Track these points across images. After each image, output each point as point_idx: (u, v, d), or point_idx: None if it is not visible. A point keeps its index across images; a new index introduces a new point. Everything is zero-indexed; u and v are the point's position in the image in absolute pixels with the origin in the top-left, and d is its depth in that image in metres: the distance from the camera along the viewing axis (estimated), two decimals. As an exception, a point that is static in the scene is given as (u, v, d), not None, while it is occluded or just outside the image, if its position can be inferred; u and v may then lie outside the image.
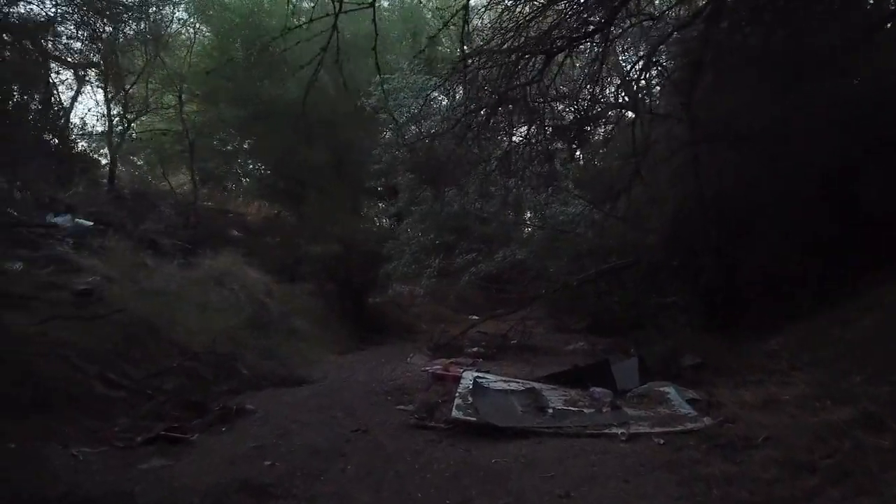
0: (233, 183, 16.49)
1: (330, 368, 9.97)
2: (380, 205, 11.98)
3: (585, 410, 6.35)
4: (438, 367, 8.55)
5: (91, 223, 11.09)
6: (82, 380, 6.50)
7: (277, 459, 4.93)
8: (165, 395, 6.86)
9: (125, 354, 7.44)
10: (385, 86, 10.92)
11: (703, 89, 7.43)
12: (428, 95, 8.98)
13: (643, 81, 8.34)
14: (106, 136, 14.84)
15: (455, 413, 5.94)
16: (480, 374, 7.47)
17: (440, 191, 11.23)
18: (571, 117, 10.78)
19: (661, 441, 5.44)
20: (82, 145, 13.83)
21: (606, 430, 5.75)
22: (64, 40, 13.12)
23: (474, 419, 5.81)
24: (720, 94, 7.84)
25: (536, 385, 7.25)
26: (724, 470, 4.58)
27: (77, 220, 10.98)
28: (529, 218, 11.39)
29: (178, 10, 14.36)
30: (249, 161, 16.21)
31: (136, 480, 4.39)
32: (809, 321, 8.58)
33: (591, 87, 8.70)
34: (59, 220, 10.78)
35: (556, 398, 6.73)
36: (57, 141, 12.52)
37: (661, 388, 7.15)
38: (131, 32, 13.30)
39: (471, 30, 9.57)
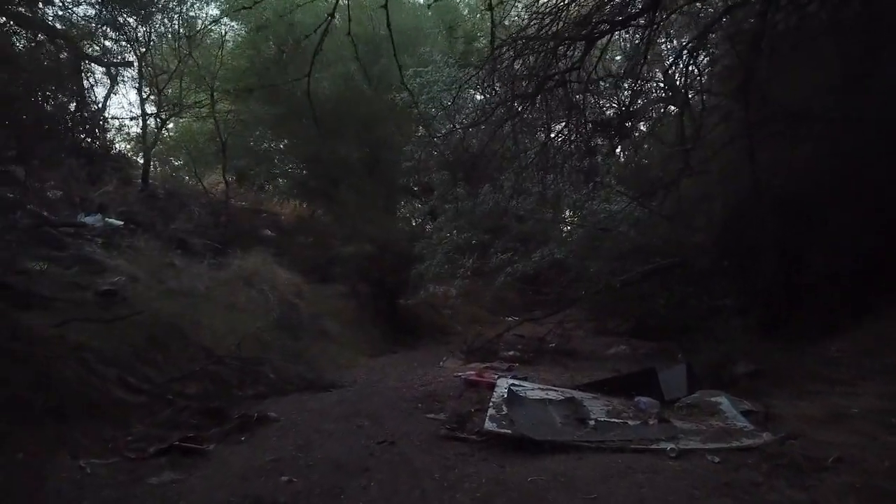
0: (266, 181, 16.27)
1: (360, 372, 9.64)
2: (415, 203, 11.59)
3: (630, 422, 5.83)
4: (472, 372, 8.12)
5: (121, 223, 10.99)
6: (99, 384, 6.26)
7: (295, 474, 4.57)
8: (187, 400, 6.61)
9: (147, 357, 7.22)
10: (417, 79, 10.55)
11: (761, 72, 6.78)
12: (460, 87, 8.52)
13: (692, 67, 7.69)
14: (140, 135, 14.84)
15: (488, 425, 5.50)
16: (516, 382, 7.00)
17: (474, 188, 10.79)
18: (612, 111, 10.25)
19: (716, 459, 4.92)
20: (114, 144, 13.74)
21: (654, 445, 5.24)
22: (98, 39, 13.30)
23: (509, 432, 5.36)
24: (781, 77, 7.20)
25: (576, 394, 6.75)
26: (792, 497, 4.07)
27: (107, 219, 10.88)
28: (568, 216, 10.87)
29: (211, 7, 14.21)
30: (283, 159, 15.97)
31: (141, 497, 4.08)
32: (875, 325, 7.90)
33: (633, 78, 8.16)
34: (88, 219, 10.70)
35: (597, 408, 6.23)
36: (89, 140, 12.48)
37: (713, 399, 6.60)
38: (164, 30, 13.24)
39: (507, 19, 9.19)
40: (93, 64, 13.42)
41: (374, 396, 7.60)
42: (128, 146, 15.09)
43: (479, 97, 10.76)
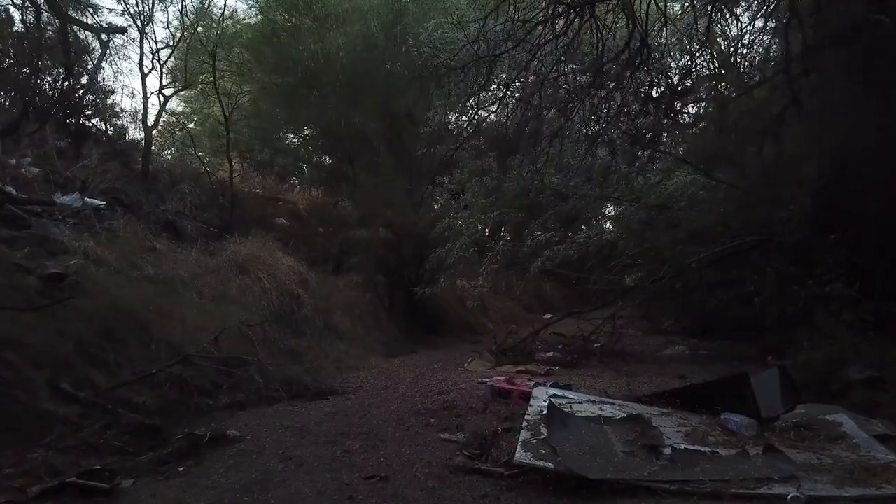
0: (273, 162, 14.89)
1: (368, 376, 8.18)
2: (440, 179, 10.02)
3: (721, 451, 4.18)
4: (500, 378, 6.53)
5: (102, 202, 9.71)
6: (21, 391, 4.93)
7: (229, 532, 3.08)
8: (134, 411, 5.23)
9: (95, 356, 5.86)
10: (439, 32, 8.97)
11: None
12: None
13: None
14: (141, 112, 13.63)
15: (521, 455, 3.93)
16: (558, 391, 5.36)
17: (506, 160, 9.21)
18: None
19: (868, 517, 3.29)
20: (108, 121, 12.49)
21: (764, 489, 3.63)
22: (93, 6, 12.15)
23: (550, 465, 3.79)
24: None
25: (640, 409, 5.10)
26: None
27: (87, 199, 9.61)
28: (618, 191, 9.19)
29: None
30: (294, 136, 14.55)
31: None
32: None
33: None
34: (66, 198, 9.44)
35: (672, 430, 4.60)
36: (77, 114, 11.30)
37: (829, 417, 4.96)
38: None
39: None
40: (84, 31, 12.35)
41: (377, 407, 6.11)
42: (129, 124, 13.77)
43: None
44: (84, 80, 12.02)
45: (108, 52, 12.30)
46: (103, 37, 12.14)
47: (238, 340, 7.25)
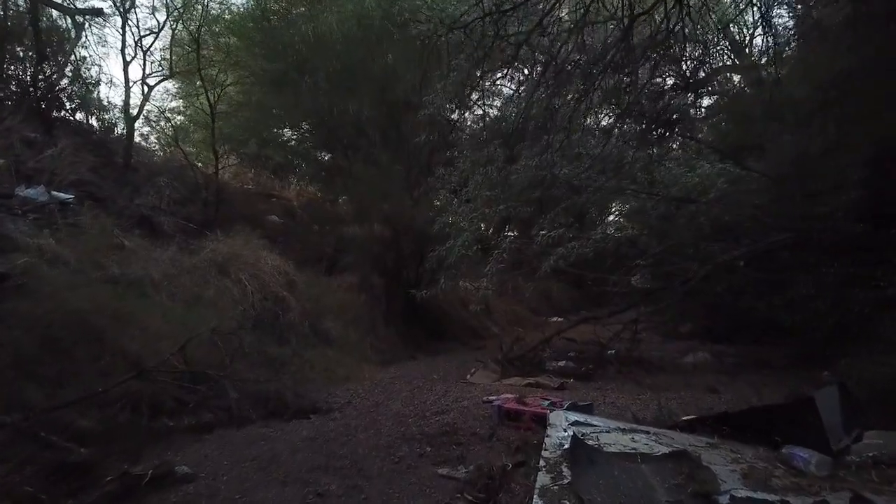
0: (262, 154, 14.01)
1: (360, 389, 7.32)
2: (440, 171, 9.11)
3: (793, 501, 3.29)
4: (509, 396, 5.64)
5: (70, 196, 8.87)
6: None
7: None
8: (75, 437, 4.39)
9: (32, 371, 5.00)
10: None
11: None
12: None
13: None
14: (124, 102, 12.80)
15: (539, 506, 3.05)
16: (579, 415, 4.46)
17: (513, 149, 8.32)
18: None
19: None
20: (76, 109, 11.61)
21: (858, 558, 2.75)
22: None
23: (577, 523, 2.91)
24: None
25: (681, 439, 4.20)
26: None
27: (54, 192, 8.78)
28: (637, 183, 8.31)
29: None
30: (285, 126, 13.63)
31: None
32: None
33: None
34: (29, 191, 8.61)
35: (725, 469, 3.70)
36: (45, 102, 10.48)
37: (914, 450, 4.05)
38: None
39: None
40: (59, 14, 11.53)
41: (365, 430, 5.24)
42: (110, 115, 12.92)
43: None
44: (64, 68, 11.28)
45: (83, 35, 11.51)
46: (79, 20, 11.34)
47: (210, 350, 6.42)
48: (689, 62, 8.28)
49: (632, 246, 7.87)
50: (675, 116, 7.32)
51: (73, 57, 11.63)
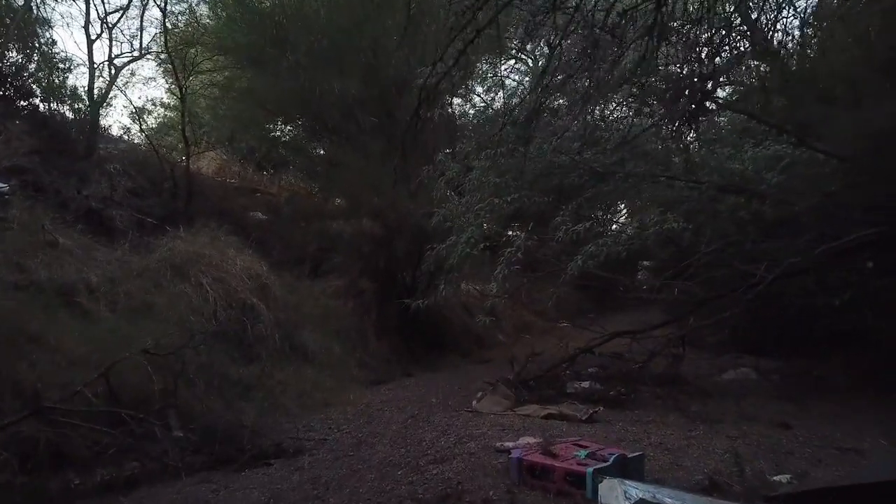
0: (234, 139, 12.74)
1: (341, 419, 6.06)
2: (440, 157, 7.80)
3: None
4: (530, 441, 4.31)
5: (5, 185, 7.57)
6: None
7: None
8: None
9: None
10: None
11: None
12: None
13: None
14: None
15: None
16: (643, 487, 3.11)
17: (527, 128, 6.99)
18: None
19: None
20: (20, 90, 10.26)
21: None
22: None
23: None
24: None
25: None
26: None
27: (-15, 182, 7.50)
28: (674, 169, 7.01)
29: None
30: (267, 114, 12.24)
31: None
32: None
33: None
34: (-46, 181, 7.33)
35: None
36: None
37: None
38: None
39: None
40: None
41: (338, 490, 3.93)
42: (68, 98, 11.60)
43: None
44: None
45: (31, 6, 10.18)
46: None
47: (149, 375, 5.07)
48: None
49: (671, 244, 6.54)
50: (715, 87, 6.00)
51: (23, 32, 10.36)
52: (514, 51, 17.65)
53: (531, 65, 16.71)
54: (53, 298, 5.74)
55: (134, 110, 11.77)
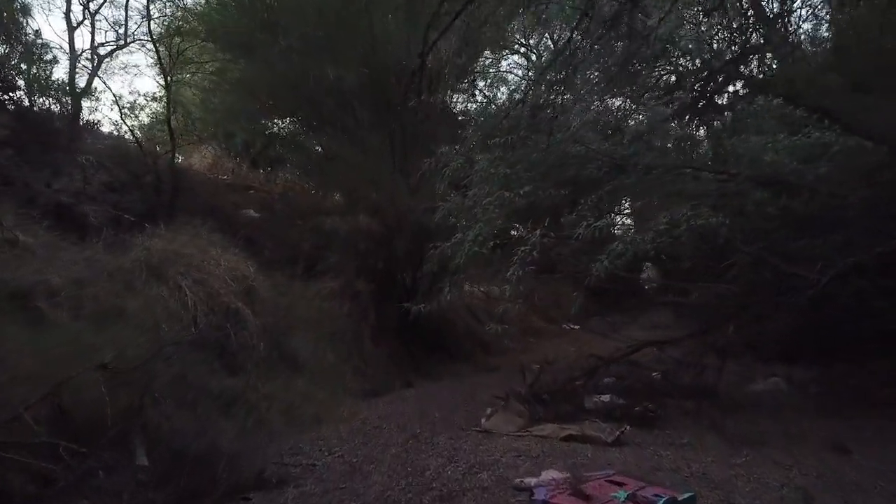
0: (219, 131, 12.09)
1: (332, 440, 5.42)
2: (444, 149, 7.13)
3: None
4: (556, 477, 3.62)
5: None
6: None
7: None
8: None
9: None
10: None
11: None
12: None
13: None
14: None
15: None
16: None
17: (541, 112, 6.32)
18: None
19: None
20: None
21: None
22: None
23: None
24: None
25: None
26: None
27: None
28: (703, 159, 6.32)
29: None
30: (251, 96, 11.51)
31: None
32: None
33: None
34: None
35: None
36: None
37: None
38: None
39: None
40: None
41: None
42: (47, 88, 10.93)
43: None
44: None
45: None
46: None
47: (111, 391, 4.39)
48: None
49: (704, 242, 5.85)
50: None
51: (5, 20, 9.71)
52: (515, 45, 17.08)
53: (534, 60, 16.16)
54: (5, 303, 5.07)
55: (115, 98, 11.03)
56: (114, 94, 11.66)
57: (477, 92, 13.55)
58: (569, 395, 6.14)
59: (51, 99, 10.79)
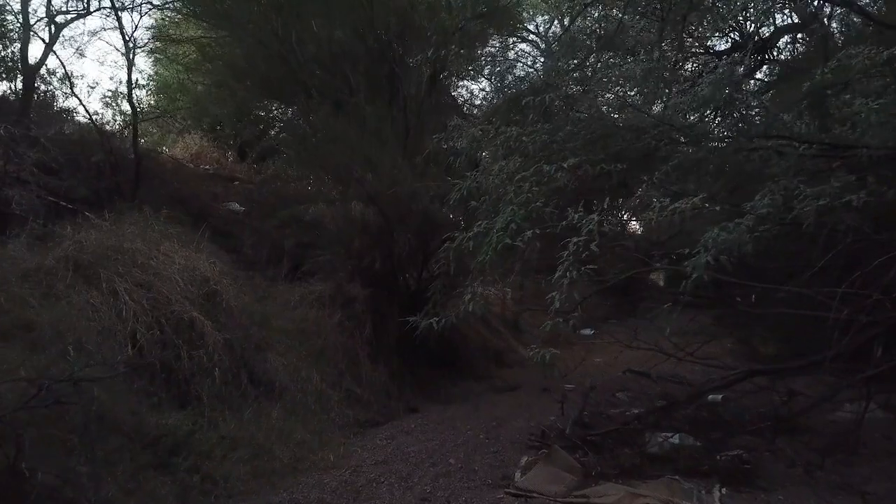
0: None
1: (310, 499, 3.87)
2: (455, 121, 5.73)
3: None
4: None
5: None
6: None
7: None
8: None
9: None
10: None
11: None
12: None
13: None
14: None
15: None
16: None
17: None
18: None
19: None
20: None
21: None
22: None
23: None
24: None
25: None
26: None
27: None
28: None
29: None
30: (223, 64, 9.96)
31: None
32: None
33: None
34: None
35: None
36: None
37: None
38: None
39: None
40: None
41: None
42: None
43: None
44: None
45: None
46: None
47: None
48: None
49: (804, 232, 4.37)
50: None
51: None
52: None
53: (542, 47, 14.89)
54: None
55: (64, 68, 9.58)
56: (62, 62, 9.98)
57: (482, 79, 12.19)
58: (623, 434, 4.66)
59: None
